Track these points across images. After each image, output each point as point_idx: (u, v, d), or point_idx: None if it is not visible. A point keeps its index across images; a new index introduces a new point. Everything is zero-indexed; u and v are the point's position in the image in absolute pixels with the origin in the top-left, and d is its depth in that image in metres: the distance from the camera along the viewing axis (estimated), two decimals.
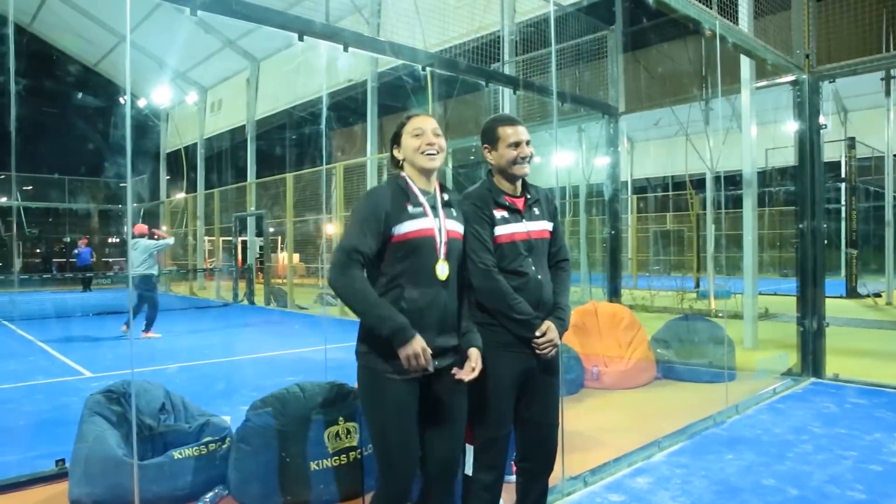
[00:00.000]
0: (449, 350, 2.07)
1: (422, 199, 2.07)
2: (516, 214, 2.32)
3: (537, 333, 2.24)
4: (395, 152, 2.16)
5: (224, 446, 3.17)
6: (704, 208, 13.18)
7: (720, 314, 9.35)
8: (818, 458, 3.50)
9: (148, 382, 3.45)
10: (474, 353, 2.10)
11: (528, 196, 2.39)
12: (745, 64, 7.29)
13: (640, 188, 20.36)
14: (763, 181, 15.62)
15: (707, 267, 11.96)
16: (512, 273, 2.27)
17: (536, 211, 2.38)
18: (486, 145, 2.38)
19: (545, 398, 2.37)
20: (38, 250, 25.96)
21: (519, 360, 2.26)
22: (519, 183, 2.38)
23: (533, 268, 2.30)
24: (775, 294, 12.25)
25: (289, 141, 17.98)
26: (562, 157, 12.66)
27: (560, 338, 2.31)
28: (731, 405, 4.46)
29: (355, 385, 3.27)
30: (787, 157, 12.64)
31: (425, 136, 2.08)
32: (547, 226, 2.40)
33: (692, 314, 6.62)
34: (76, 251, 18.68)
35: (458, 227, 2.15)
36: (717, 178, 12.76)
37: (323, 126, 15.38)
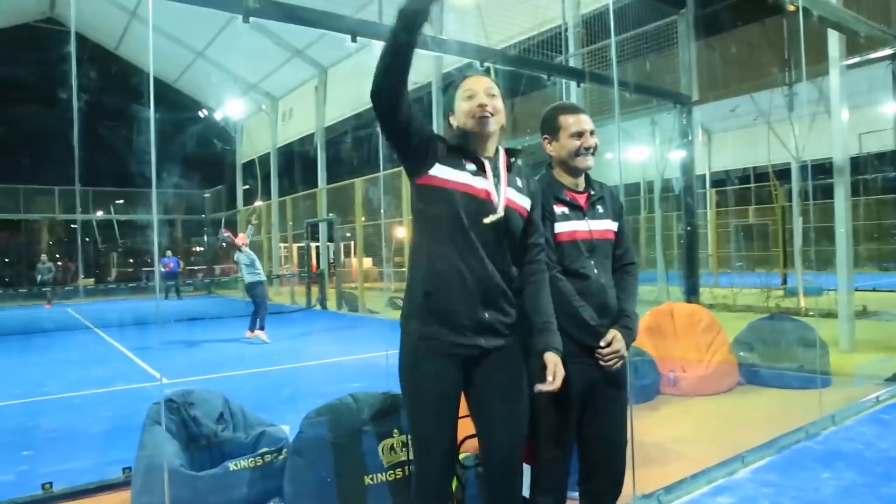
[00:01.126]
0: (499, 328, 1.86)
1: (480, 157, 1.87)
2: (578, 211, 2.14)
3: (602, 343, 2.05)
4: (451, 118, 1.96)
5: (280, 457, 3.11)
6: (790, 200, 12.35)
7: (811, 313, 8.70)
8: None
9: (207, 391, 3.45)
10: (551, 360, 1.83)
11: (592, 192, 2.20)
12: (834, 40, 6.69)
13: (719, 181, 19.37)
14: (857, 168, 14.53)
15: (795, 262, 11.18)
16: (573, 275, 2.08)
17: (600, 209, 2.19)
18: (545, 136, 2.21)
19: (611, 413, 2.16)
20: (130, 260, 27.47)
21: (582, 372, 2.06)
22: (582, 178, 2.19)
23: (595, 270, 2.11)
24: (874, 290, 11.32)
25: (357, 146, 18.22)
26: (635, 152, 12.20)
27: (627, 348, 2.10)
28: (826, 415, 4.04)
29: None
30: (884, 141, 11.68)
31: (477, 98, 1.87)
32: (611, 225, 2.20)
33: (779, 313, 6.12)
34: (164, 261, 19.61)
35: (519, 199, 1.91)
36: (803, 168, 11.92)
37: (378, 130, 15.49)
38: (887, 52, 5.29)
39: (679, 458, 3.46)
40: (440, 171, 1.82)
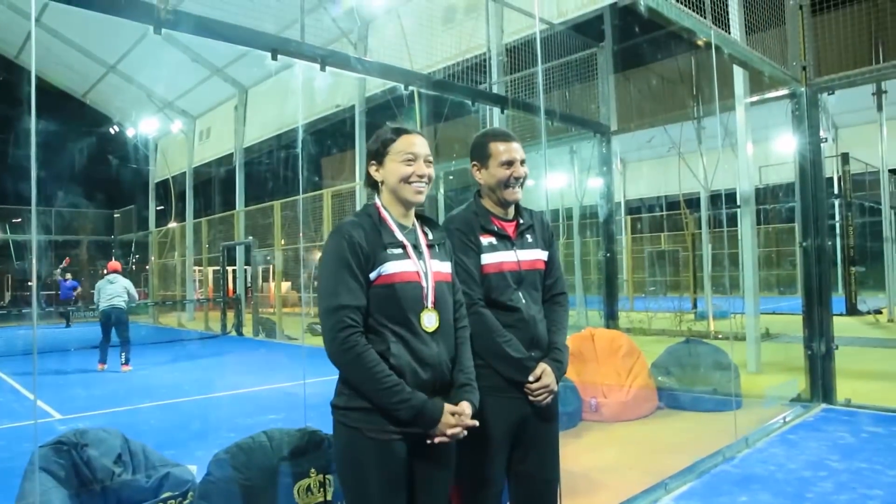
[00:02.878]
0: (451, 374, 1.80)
1: (400, 235, 1.75)
2: (506, 241, 2.06)
3: (531, 378, 1.96)
4: (374, 172, 1.81)
5: (185, 502, 2.85)
6: (700, 227, 12.99)
7: (720, 336, 9.09)
8: (841, 500, 3.19)
9: (104, 430, 3.14)
10: (465, 408, 1.72)
11: (521, 221, 2.12)
12: (739, 79, 7.12)
13: (635, 208, 20.19)
14: (758, 199, 15.49)
15: (704, 287, 11.71)
16: (500, 307, 2.00)
17: (529, 238, 2.12)
18: (475, 162, 2.11)
19: (542, 449, 2.08)
20: (29, 283, 25.54)
21: (511, 407, 1.98)
22: (512, 206, 2.12)
23: (524, 301, 2.03)
24: (774, 313, 11.99)
25: (277, 167, 17.79)
26: (554, 179, 12.49)
27: (558, 381, 2.03)
28: (740, 437, 4.16)
29: (331, 433, 2.98)
30: (781, 174, 12.51)
31: (417, 165, 1.75)
32: (541, 255, 2.13)
33: (693, 338, 6.33)
34: (64, 284, 18.27)
35: (445, 268, 1.84)
36: (711, 197, 12.58)
37: (299, 151, 15.19)
38: (786, 91, 5.62)
39: (603, 486, 3.44)
40: (379, 271, 1.72)
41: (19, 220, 22.13)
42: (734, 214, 7.87)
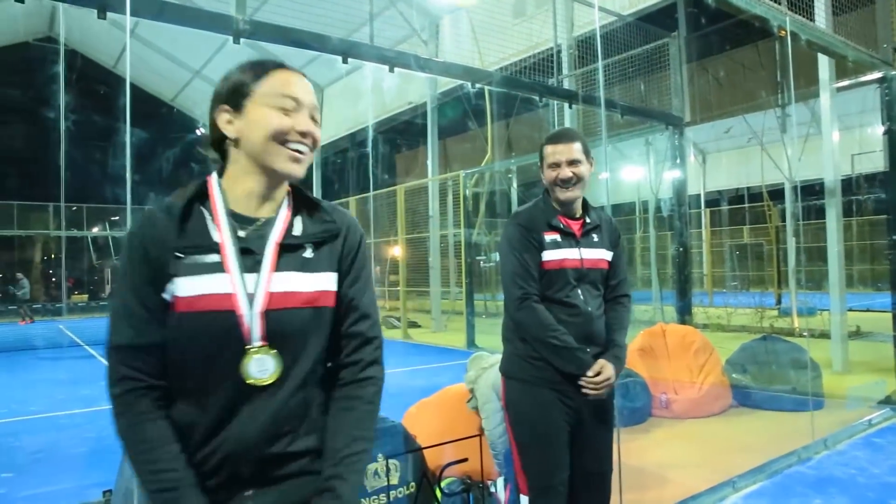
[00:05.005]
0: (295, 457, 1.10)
1: (223, 236, 1.08)
2: (570, 239, 2.08)
3: (590, 373, 1.98)
4: (225, 124, 1.14)
5: None
6: (784, 220, 12.39)
7: (804, 333, 8.68)
8: None
9: None
10: None
11: (588, 220, 2.13)
12: (824, 64, 6.76)
13: (713, 201, 19.45)
14: (849, 189, 14.58)
15: (789, 282, 11.18)
16: (558, 303, 2.03)
17: (595, 237, 2.12)
18: (539, 163, 2.17)
19: (597, 443, 2.11)
20: None
21: (568, 400, 2.02)
22: (578, 203, 2.12)
23: (582, 298, 2.05)
24: (868, 310, 11.29)
25: (351, 164, 18.28)
26: (630, 171, 12.25)
27: (616, 378, 2.05)
28: (818, 439, 4.00)
29: (401, 420, 3.13)
30: (876, 162, 11.74)
31: (299, 117, 1.14)
32: (605, 255, 2.13)
33: (771, 335, 6.09)
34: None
35: (304, 284, 1.11)
36: (796, 188, 11.97)
37: (369, 150, 15.53)
38: (876, 75, 5.31)
39: (668, 483, 3.41)
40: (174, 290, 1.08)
41: (117, 217, 23.73)
42: (822, 206, 7.49)
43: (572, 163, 2.05)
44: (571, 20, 9.57)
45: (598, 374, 1.98)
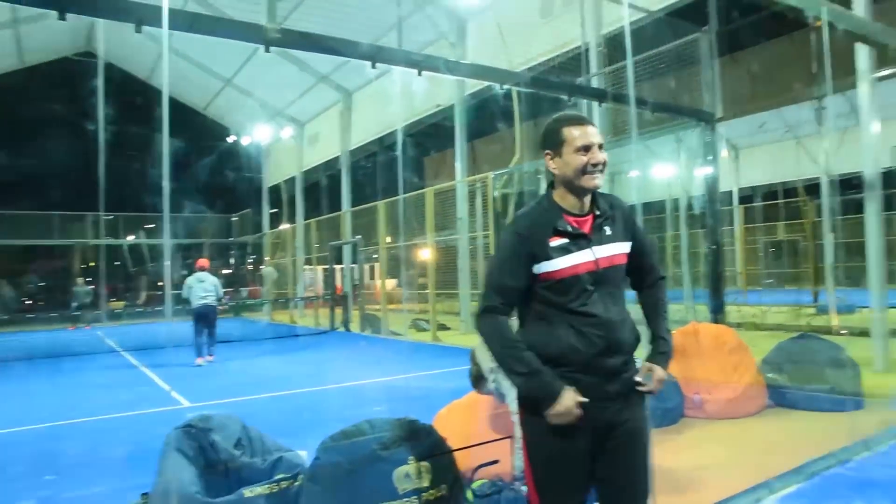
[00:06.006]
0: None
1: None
2: (581, 240, 1.90)
3: (639, 378, 1.92)
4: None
5: (296, 483, 3.09)
6: (820, 215, 12.09)
7: (843, 331, 8.46)
8: None
9: (226, 416, 3.46)
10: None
11: (597, 213, 1.95)
12: (863, 53, 6.57)
13: (747, 197, 19.05)
14: (891, 182, 14.14)
15: (826, 279, 10.90)
16: (576, 314, 1.88)
17: (608, 230, 1.94)
18: (547, 151, 1.95)
19: (629, 458, 1.93)
20: (159, 283, 27.91)
21: (591, 412, 1.84)
22: (588, 197, 1.94)
23: (602, 305, 1.89)
24: None
25: (380, 169, 18.42)
26: (661, 169, 12.08)
27: (666, 369, 1.97)
28: (859, 440, 3.90)
29: (432, 422, 3.14)
30: None
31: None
32: (621, 248, 1.96)
33: (807, 333, 5.95)
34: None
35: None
36: (833, 182, 11.67)
37: (398, 153, 15.62)
38: None
39: (703, 485, 3.36)
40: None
41: (153, 226, 24.29)
42: (861, 200, 7.29)
43: (601, 146, 1.92)
44: (600, 17, 9.51)
45: (646, 377, 1.93)
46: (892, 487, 3.27)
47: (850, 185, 11.44)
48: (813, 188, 13.11)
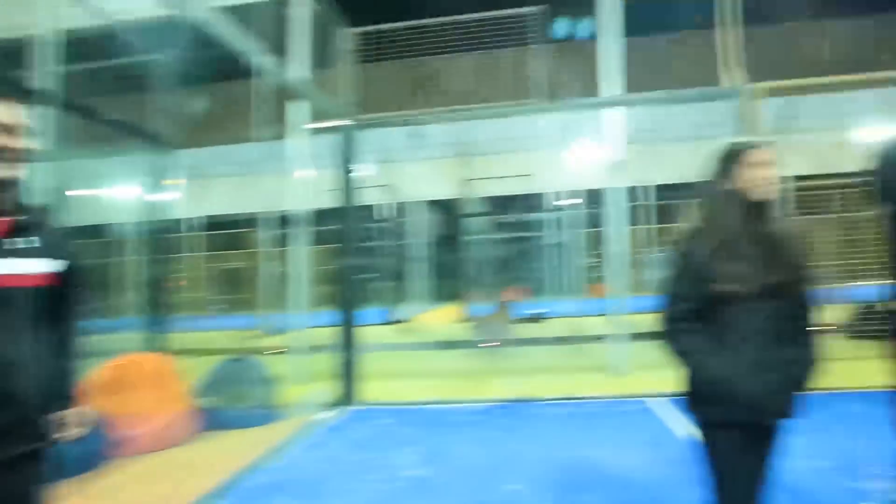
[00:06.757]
0: None
1: None
2: None
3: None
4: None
5: None
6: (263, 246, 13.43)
7: (270, 352, 9.52)
8: (349, 487, 3.63)
9: None
10: None
11: (18, 219, 1.62)
12: (294, 108, 7.56)
13: (209, 225, 19.63)
14: (324, 220, 16.69)
15: (265, 304, 12.11)
16: None
17: (24, 243, 1.62)
18: None
19: None
20: None
21: None
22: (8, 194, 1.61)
23: None
24: (330, 326, 13.06)
25: None
26: (114, 191, 11.41)
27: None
28: (275, 446, 4.37)
29: None
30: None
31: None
32: (46, 266, 1.67)
33: (237, 356, 6.38)
34: None
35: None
36: (273, 218, 13.13)
37: None
38: (345, 122, 6.32)
39: None
40: None
41: None
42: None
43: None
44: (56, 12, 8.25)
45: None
46: (298, 486, 3.73)
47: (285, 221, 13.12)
48: (264, 221, 14.43)
